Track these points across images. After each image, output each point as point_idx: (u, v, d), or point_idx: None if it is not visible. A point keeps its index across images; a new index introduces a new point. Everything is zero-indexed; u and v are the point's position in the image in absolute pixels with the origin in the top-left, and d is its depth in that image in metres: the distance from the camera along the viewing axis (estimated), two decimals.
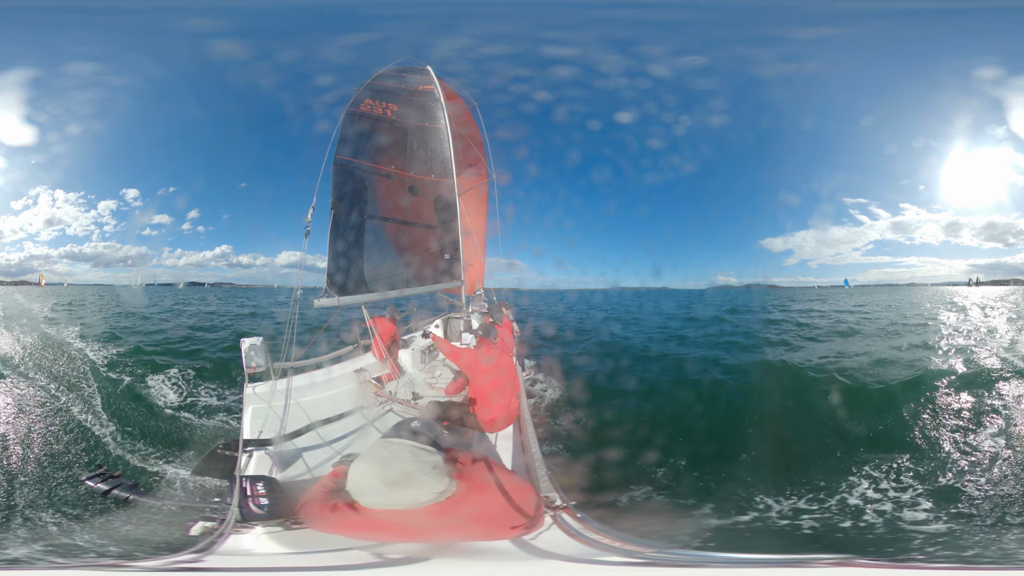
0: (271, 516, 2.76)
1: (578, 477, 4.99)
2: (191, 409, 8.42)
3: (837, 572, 2.43)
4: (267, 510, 2.77)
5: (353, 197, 6.89)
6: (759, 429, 7.11)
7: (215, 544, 2.63)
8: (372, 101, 7.06)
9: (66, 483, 5.71)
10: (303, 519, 2.74)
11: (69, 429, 7.10)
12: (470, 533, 2.57)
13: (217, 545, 2.62)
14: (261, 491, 2.87)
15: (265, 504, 2.80)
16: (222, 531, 2.70)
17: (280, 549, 2.66)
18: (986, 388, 8.35)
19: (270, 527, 2.74)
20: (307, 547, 2.64)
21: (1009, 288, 36.35)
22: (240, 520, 2.71)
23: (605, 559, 2.37)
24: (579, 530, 2.57)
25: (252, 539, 2.71)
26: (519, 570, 2.39)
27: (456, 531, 2.55)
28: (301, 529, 2.72)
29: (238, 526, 2.71)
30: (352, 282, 6.81)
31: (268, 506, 2.79)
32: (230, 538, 2.67)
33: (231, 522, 2.71)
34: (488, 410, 4.31)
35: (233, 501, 2.82)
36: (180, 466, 6.33)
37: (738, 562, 2.64)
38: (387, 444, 2.71)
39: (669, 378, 10.64)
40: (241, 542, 2.68)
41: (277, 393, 4.84)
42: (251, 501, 2.80)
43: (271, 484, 3.00)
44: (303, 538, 2.69)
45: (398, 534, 2.51)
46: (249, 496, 2.83)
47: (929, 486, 5.61)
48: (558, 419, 7.28)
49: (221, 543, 2.64)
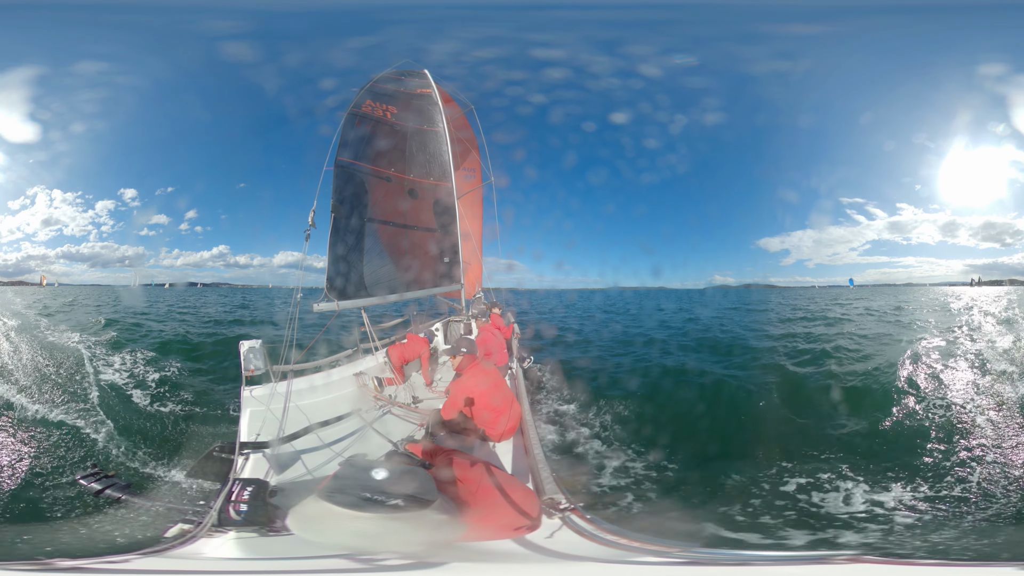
0: (249, 522, 2.70)
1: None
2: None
3: (850, 569, 2.42)
4: (245, 516, 2.72)
5: (353, 200, 6.90)
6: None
7: (176, 547, 2.57)
8: (373, 103, 7.07)
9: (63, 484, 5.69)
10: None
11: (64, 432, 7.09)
12: (473, 534, 2.52)
13: (177, 548, 2.56)
14: (244, 496, 2.82)
15: (244, 510, 2.75)
16: (194, 534, 2.65)
17: (248, 555, 2.61)
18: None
19: (244, 533, 2.69)
20: (282, 553, 2.61)
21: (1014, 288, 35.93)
22: (217, 524, 2.67)
23: (630, 559, 2.37)
24: (591, 531, 2.56)
25: (220, 544, 2.65)
26: (534, 571, 2.36)
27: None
28: (279, 536, 2.67)
29: (213, 530, 2.66)
30: (352, 286, 6.82)
31: (247, 512, 2.74)
32: (199, 541, 2.61)
33: (206, 525, 2.66)
34: (494, 428, 4.33)
35: (215, 505, 2.78)
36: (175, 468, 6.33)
37: (757, 560, 2.61)
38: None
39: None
40: (208, 546, 2.62)
41: (276, 396, 4.83)
42: (232, 506, 2.75)
43: (259, 490, 2.94)
44: (279, 545, 2.64)
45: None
46: (232, 501, 2.78)
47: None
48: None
49: (183, 546, 2.58)
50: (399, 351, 6.48)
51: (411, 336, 6.72)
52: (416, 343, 6.60)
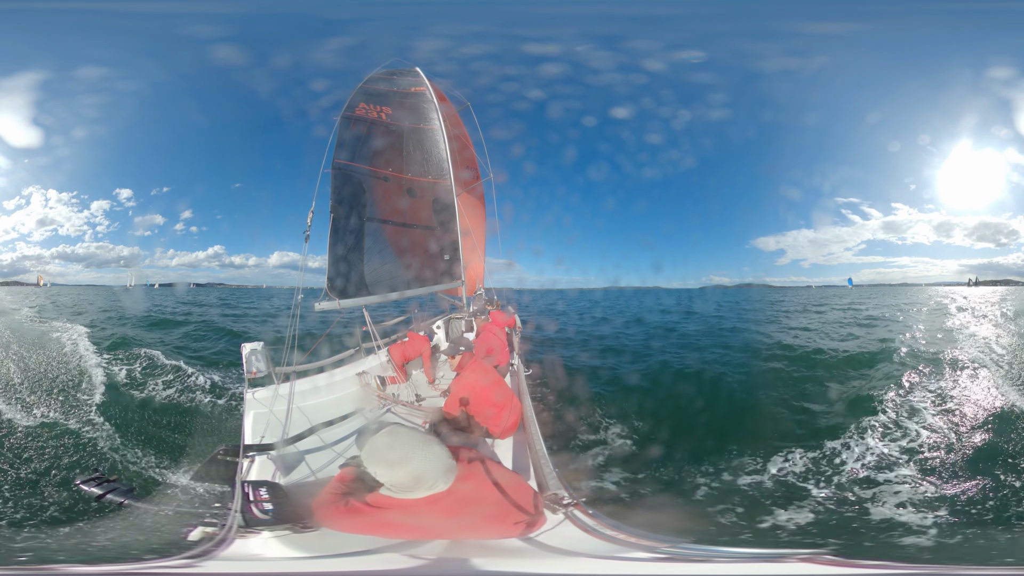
0: (276, 521, 2.73)
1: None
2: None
3: (804, 568, 2.41)
4: (272, 515, 2.75)
5: (352, 200, 6.90)
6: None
7: (217, 549, 2.58)
8: (367, 105, 7.05)
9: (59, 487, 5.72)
10: (316, 522, 2.72)
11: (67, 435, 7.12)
12: (476, 532, 2.58)
13: (220, 550, 2.58)
14: (264, 496, 2.86)
15: (270, 509, 2.78)
16: (224, 536, 2.65)
17: (290, 552, 2.65)
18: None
19: (277, 531, 2.72)
20: (319, 550, 2.63)
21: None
22: (243, 525, 2.68)
23: (632, 555, 2.38)
24: (593, 526, 2.58)
25: (259, 543, 2.68)
26: (538, 567, 2.38)
27: (463, 530, 2.57)
28: (311, 532, 2.71)
29: (242, 531, 2.67)
30: (352, 285, 6.85)
31: (272, 511, 2.77)
32: (235, 543, 2.63)
33: (234, 527, 2.67)
34: (496, 425, 4.37)
35: (235, 506, 2.77)
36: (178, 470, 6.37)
37: (748, 557, 2.61)
38: (389, 430, 2.75)
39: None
40: (247, 546, 2.65)
41: (279, 398, 4.86)
42: (254, 506, 2.77)
43: (275, 489, 2.99)
44: (313, 541, 2.67)
45: (408, 533, 2.52)
46: (252, 501, 2.80)
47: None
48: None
49: (224, 548, 2.59)
50: (400, 350, 6.54)
51: (412, 335, 6.77)
52: (417, 341, 6.66)
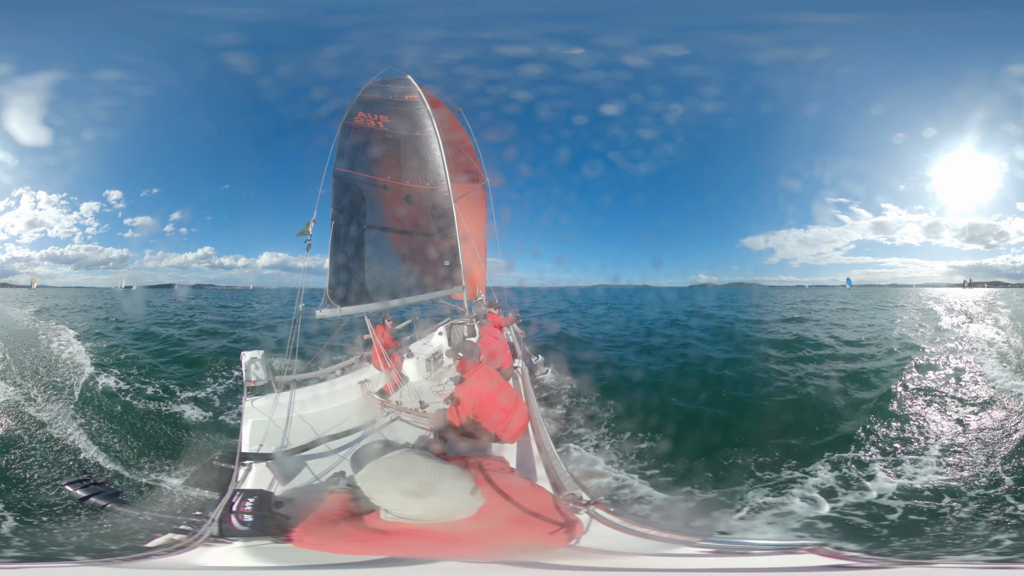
0: (255, 533, 2.64)
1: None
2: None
3: (809, 559, 2.31)
4: (251, 527, 2.65)
5: (352, 209, 6.93)
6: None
7: (160, 555, 2.51)
8: (365, 114, 7.07)
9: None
10: (310, 547, 2.51)
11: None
12: (513, 551, 2.44)
13: (161, 556, 2.50)
14: (247, 507, 2.76)
15: (250, 520, 2.68)
16: (186, 543, 2.56)
17: (256, 563, 2.56)
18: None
19: (252, 541, 2.63)
20: (290, 562, 2.50)
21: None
22: (217, 535, 2.60)
23: (673, 551, 2.31)
24: (619, 523, 2.55)
25: (222, 553, 2.57)
26: (578, 566, 2.29)
27: (494, 539, 2.43)
28: (284, 545, 2.58)
29: (212, 540, 2.59)
30: (353, 293, 6.88)
31: (253, 523, 2.67)
32: (194, 550, 2.54)
33: (204, 535, 2.58)
34: (504, 429, 4.37)
35: (214, 514, 2.70)
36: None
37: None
38: (398, 456, 2.61)
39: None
40: (205, 555, 2.55)
41: (278, 406, 4.82)
42: (235, 516, 2.68)
43: (263, 500, 2.88)
44: (287, 554, 2.53)
45: (437, 545, 2.34)
46: (234, 511, 2.71)
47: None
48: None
49: (171, 555, 2.51)
50: (375, 347, 6.58)
51: (379, 327, 6.80)
52: (378, 331, 6.71)
